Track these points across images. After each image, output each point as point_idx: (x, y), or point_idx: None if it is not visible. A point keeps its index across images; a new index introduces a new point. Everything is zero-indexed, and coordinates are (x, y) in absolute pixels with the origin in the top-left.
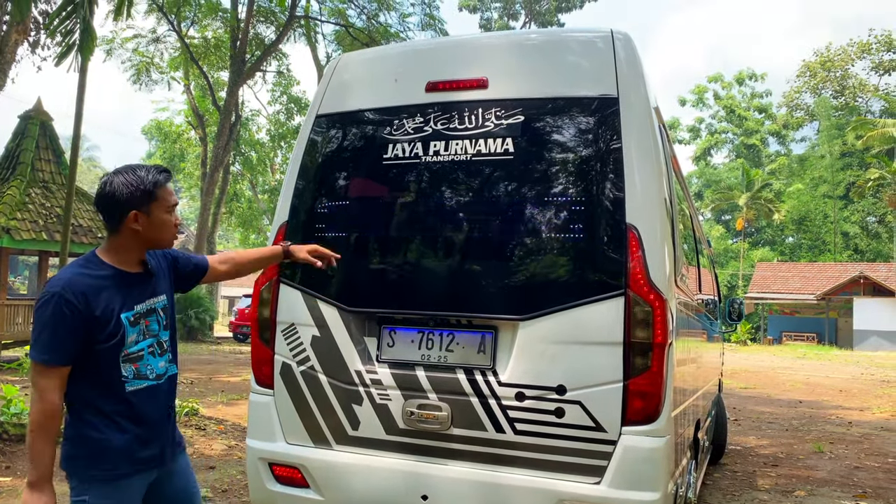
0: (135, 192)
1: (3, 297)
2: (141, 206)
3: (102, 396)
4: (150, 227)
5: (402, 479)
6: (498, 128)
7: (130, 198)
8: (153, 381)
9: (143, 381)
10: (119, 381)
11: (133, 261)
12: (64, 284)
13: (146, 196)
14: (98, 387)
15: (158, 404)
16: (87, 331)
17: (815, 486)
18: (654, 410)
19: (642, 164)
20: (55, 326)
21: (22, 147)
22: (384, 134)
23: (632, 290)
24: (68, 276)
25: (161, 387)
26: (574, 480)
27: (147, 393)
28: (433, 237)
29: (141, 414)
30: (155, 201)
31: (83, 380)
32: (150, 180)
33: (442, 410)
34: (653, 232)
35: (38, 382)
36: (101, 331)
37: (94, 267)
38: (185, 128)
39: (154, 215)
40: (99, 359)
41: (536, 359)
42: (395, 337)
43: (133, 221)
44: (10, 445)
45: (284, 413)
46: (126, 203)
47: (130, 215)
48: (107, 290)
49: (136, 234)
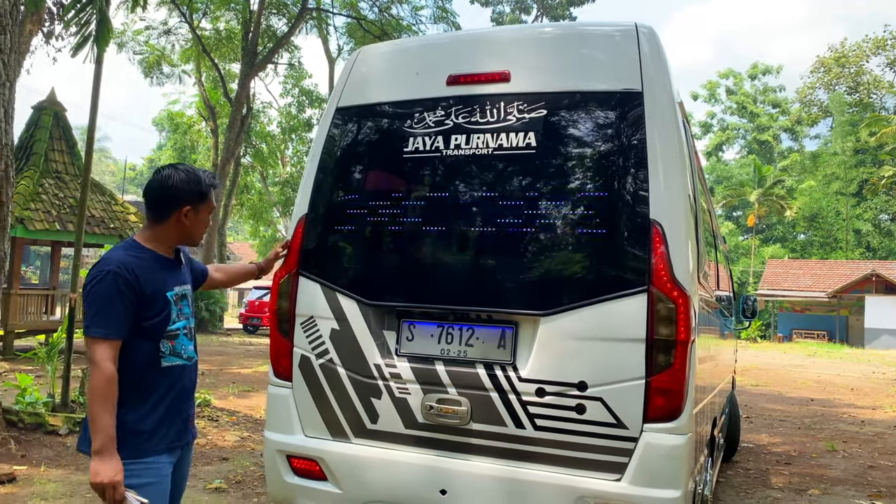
0: (194, 190)
1: (17, 287)
2: (194, 203)
3: (140, 369)
4: (193, 223)
5: (421, 473)
6: (520, 122)
7: (189, 194)
8: (185, 361)
9: (177, 358)
10: (157, 355)
11: (169, 249)
12: (118, 263)
13: (200, 196)
14: (138, 359)
15: (186, 385)
16: (138, 307)
17: (829, 486)
18: (676, 408)
19: (666, 159)
20: (112, 302)
21: (35, 138)
22: (404, 127)
23: (655, 286)
24: (119, 256)
25: (190, 368)
26: (594, 477)
27: (179, 371)
28: (453, 231)
29: (172, 390)
30: (204, 202)
31: (128, 353)
32: (207, 183)
33: (461, 405)
34: (677, 228)
35: (95, 354)
36: (150, 307)
37: (137, 250)
38: (196, 119)
39: (200, 214)
40: (144, 335)
41: (557, 354)
42: (414, 331)
43: (183, 215)
44: (25, 434)
45: (303, 406)
46: (184, 198)
47: (183, 209)
48: (153, 270)
49: (180, 227)
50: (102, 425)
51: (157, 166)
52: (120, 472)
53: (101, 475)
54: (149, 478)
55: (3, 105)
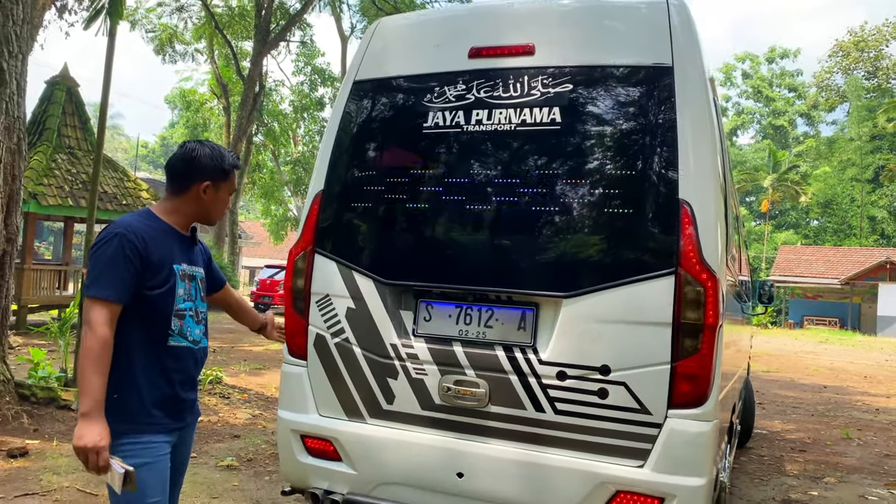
0: (217, 166)
1: (30, 262)
2: (216, 180)
3: (146, 345)
4: (212, 200)
5: (438, 456)
6: (544, 97)
7: (211, 170)
8: (190, 343)
9: (183, 339)
10: (165, 333)
11: (184, 224)
12: (126, 227)
13: (222, 173)
14: (144, 334)
15: (190, 367)
16: (143, 274)
17: (845, 474)
18: (702, 394)
19: (697, 136)
20: (115, 264)
21: (48, 113)
22: (424, 101)
23: (683, 268)
24: (129, 221)
25: (195, 352)
26: (616, 463)
27: (184, 352)
28: (473, 210)
29: (175, 370)
30: (226, 181)
31: (132, 325)
32: (230, 161)
33: (479, 387)
34: (706, 208)
35: (91, 317)
36: (155, 276)
37: (150, 219)
38: (208, 97)
39: (220, 192)
40: (151, 306)
41: (580, 337)
42: (431, 311)
43: (202, 191)
44: (37, 408)
45: (317, 385)
46: (205, 172)
47: (204, 184)
48: (162, 239)
49: (198, 202)
50: (91, 388)
51: (170, 144)
52: (105, 438)
53: (85, 439)
54: (145, 457)
55: (15, 77)
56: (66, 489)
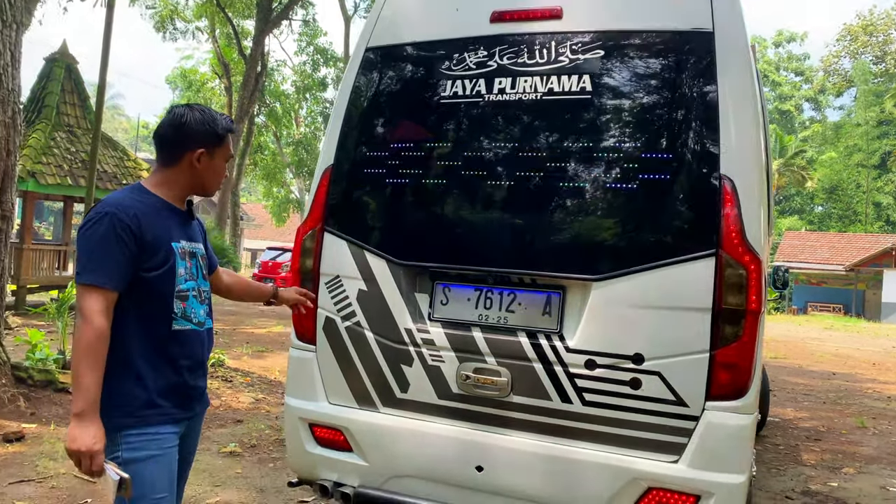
0: (209, 132)
1: (29, 242)
2: (208, 147)
3: (148, 331)
4: (207, 169)
5: (455, 448)
6: (573, 63)
7: (204, 135)
8: (195, 326)
9: (187, 322)
10: (168, 317)
11: (179, 198)
12: (116, 205)
13: (216, 139)
14: (146, 320)
15: (197, 352)
16: (138, 255)
17: (864, 464)
18: (742, 385)
19: (739, 107)
20: (107, 247)
21: (47, 90)
22: (442, 69)
23: (725, 250)
24: (119, 198)
25: (201, 335)
26: (648, 458)
27: (189, 336)
28: (494, 185)
29: (181, 357)
30: (220, 147)
31: (131, 311)
32: (224, 125)
33: (501, 376)
34: (749, 185)
35: (85, 306)
36: (151, 257)
37: (142, 194)
38: (210, 76)
39: (215, 160)
40: (149, 288)
41: (611, 324)
42: (449, 294)
43: (196, 159)
44: (34, 391)
45: (327, 371)
46: (197, 139)
47: (197, 152)
48: (157, 216)
49: (191, 172)
50: (86, 385)
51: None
52: (100, 441)
53: (78, 441)
54: (151, 450)
55: (9, 48)
56: (62, 476)
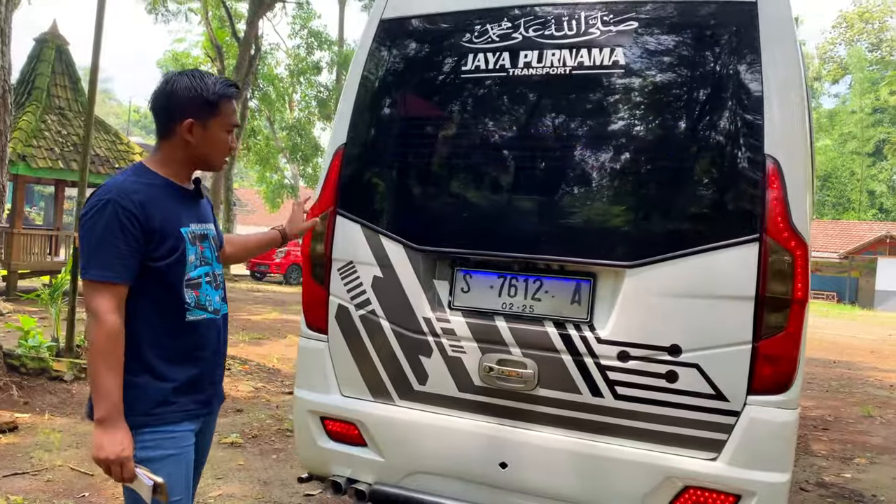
0: (196, 99)
1: (20, 227)
2: (199, 116)
3: (160, 324)
4: (203, 141)
5: (478, 443)
6: (605, 35)
7: (190, 104)
8: (211, 314)
9: (202, 311)
10: (181, 308)
11: (183, 176)
12: (117, 190)
13: (207, 106)
14: (157, 312)
15: (214, 342)
16: (145, 244)
17: (875, 454)
18: (786, 379)
19: (783, 82)
20: (112, 238)
21: (37, 72)
22: (462, 42)
23: (769, 234)
24: (120, 182)
25: (217, 323)
26: (685, 455)
27: (205, 326)
28: (519, 166)
29: (198, 349)
30: (216, 115)
31: (140, 304)
32: (215, 90)
33: (527, 368)
34: (795, 165)
35: (95, 305)
36: (160, 245)
37: (144, 175)
38: (202, 60)
39: (211, 130)
40: (159, 279)
41: (645, 313)
42: (470, 281)
43: (187, 131)
44: (28, 379)
45: (340, 362)
46: (184, 108)
47: (185, 123)
48: (163, 200)
49: (186, 146)
50: (106, 390)
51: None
52: (128, 447)
53: (106, 450)
54: (169, 449)
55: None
56: (58, 468)
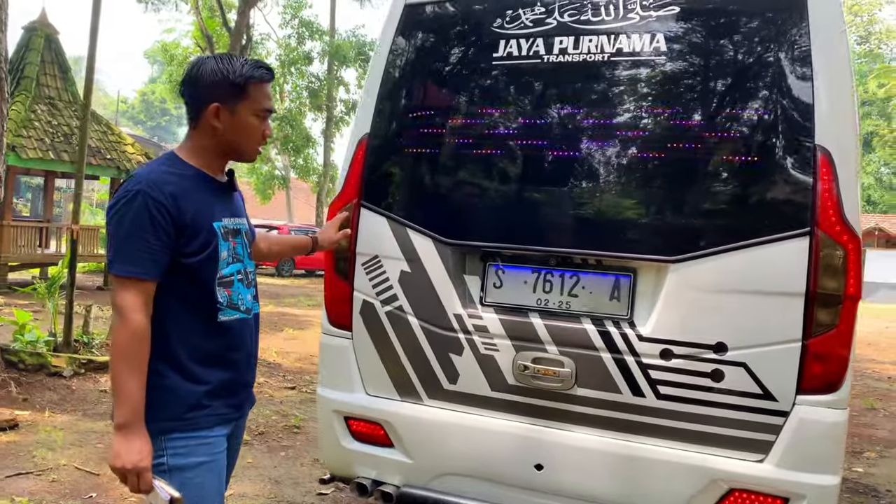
0: (222, 82)
1: (9, 218)
2: (226, 101)
3: (191, 324)
4: (232, 127)
5: (512, 444)
6: (645, 21)
7: (215, 87)
8: (244, 314)
9: (235, 311)
10: (214, 307)
11: (216, 167)
12: (148, 182)
13: (235, 90)
14: (187, 312)
15: (246, 342)
16: (176, 239)
17: (884, 448)
18: (837, 378)
19: (834, 70)
20: (141, 231)
21: (26, 61)
22: (494, 28)
23: (821, 228)
24: (151, 172)
25: (249, 322)
26: (731, 457)
27: (239, 326)
28: (554, 156)
29: (231, 350)
30: (244, 99)
31: (172, 302)
32: (243, 72)
33: (564, 366)
34: (846, 155)
35: (121, 302)
36: (192, 240)
37: (176, 165)
38: (193, 50)
39: (239, 115)
40: (190, 276)
41: (689, 310)
42: (503, 277)
43: (213, 116)
44: (26, 376)
45: (365, 360)
46: (209, 92)
47: (211, 108)
48: (195, 192)
49: (214, 133)
50: (127, 393)
51: (151, 100)
52: (147, 457)
53: (124, 458)
54: (201, 456)
55: None
56: (63, 467)
